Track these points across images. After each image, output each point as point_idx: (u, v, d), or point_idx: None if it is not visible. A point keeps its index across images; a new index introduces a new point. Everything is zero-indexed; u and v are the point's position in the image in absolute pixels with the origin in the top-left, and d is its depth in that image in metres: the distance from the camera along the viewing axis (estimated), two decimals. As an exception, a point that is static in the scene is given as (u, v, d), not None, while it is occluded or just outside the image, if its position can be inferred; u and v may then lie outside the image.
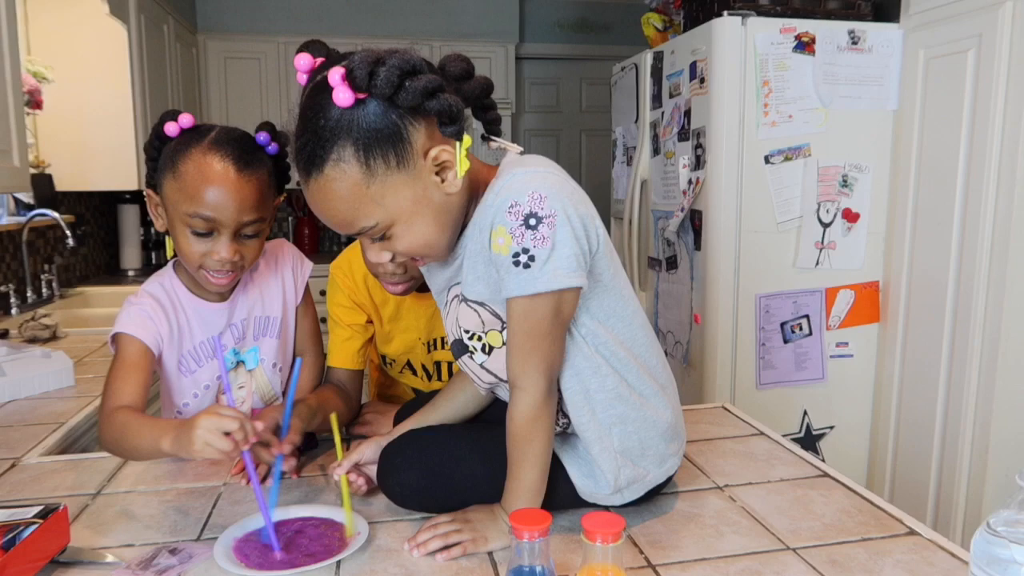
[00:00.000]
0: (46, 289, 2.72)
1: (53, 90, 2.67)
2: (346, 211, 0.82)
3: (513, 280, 0.82)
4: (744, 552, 0.88)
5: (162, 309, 1.15)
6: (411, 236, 0.85)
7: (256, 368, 1.24)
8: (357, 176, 0.80)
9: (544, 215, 0.80)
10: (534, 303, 0.83)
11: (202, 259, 1.09)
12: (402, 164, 0.81)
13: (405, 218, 0.84)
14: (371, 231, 0.84)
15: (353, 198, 0.81)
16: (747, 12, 2.13)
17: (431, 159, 0.82)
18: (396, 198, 0.82)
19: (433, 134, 0.82)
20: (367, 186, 0.80)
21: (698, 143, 2.25)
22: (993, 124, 1.85)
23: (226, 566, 0.84)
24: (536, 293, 0.82)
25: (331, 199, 0.82)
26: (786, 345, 2.26)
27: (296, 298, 1.28)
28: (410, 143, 0.81)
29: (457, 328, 0.95)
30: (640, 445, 0.94)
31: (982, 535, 0.63)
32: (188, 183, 1.05)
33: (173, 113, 1.09)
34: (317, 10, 4.09)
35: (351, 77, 0.77)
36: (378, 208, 0.82)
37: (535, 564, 0.70)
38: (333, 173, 0.80)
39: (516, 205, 0.80)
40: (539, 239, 0.80)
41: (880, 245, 2.26)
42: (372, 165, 0.80)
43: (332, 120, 0.79)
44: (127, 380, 1.08)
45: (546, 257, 0.81)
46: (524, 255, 0.81)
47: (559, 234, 0.81)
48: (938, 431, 2.06)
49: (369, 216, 0.82)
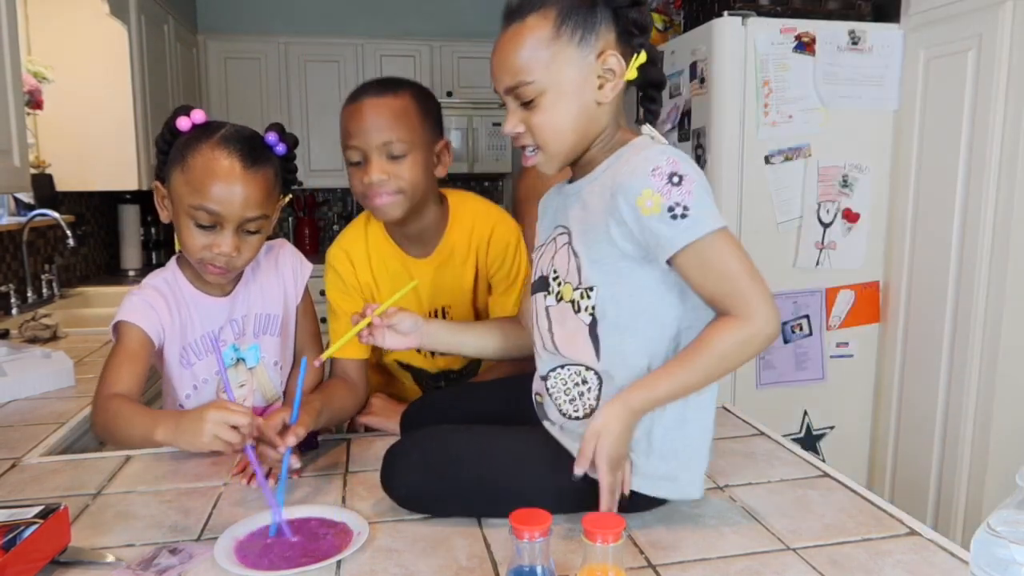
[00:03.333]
0: (46, 289, 2.72)
1: (53, 90, 2.66)
2: (523, 58, 0.92)
3: (675, 232, 0.86)
4: (744, 552, 0.88)
5: (164, 300, 1.16)
6: (551, 112, 0.93)
7: (257, 366, 1.25)
8: (548, 32, 0.91)
9: (684, 173, 0.86)
10: (706, 247, 0.87)
11: (203, 251, 1.10)
12: (583, 45, 0.91)
13: (556, 91, 0.92)
14: (526, 88, 0.92)
15: (534, 49, 0.91)
16: (747, 12, 2.13)
17: (603, 59, 0.92)
18: (562, 68, 0.91)
19: (617, 42, 0.93)
20: (549, 45, 0.91)
21: (698, 143, 2.25)
22: (993, 124, 1.85)
23: (226, 566, 0.84)
24: (701, 236, 0.86)
25: (518, 44, 0.92)
26: (786, 345, 2.26)
27: (296, 297, 1.29)
28: (598, 35, 0.92)
29: (550, 265, 1.00)
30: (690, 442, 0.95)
31: (982, 535, 0.63)
32: (195, 176, 1.07)
33: (186, 108, 1.12)
34: (317, 10, 4.09)
35: None
36: (544, 69, 0.91)
37: (535, 564, 0.70)
38: (533, 22, 0.92)
39: (658, 168, 0.87)
40: (685, 192, 0.86)
41: (880, 245, 2.26)
42: (562, 31, 0.91)
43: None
44: (124, 368, 1.09)
45: (698, 205, 0.86)
46: (678, 207, 0.86)
47: (698, 188, 0.87)
48: (938, 431, 2.06)
49: (533, 71, 0.91)
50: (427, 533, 0.94)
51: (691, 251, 0.87)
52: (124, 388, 1.07)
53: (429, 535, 0.93)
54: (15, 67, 1.87)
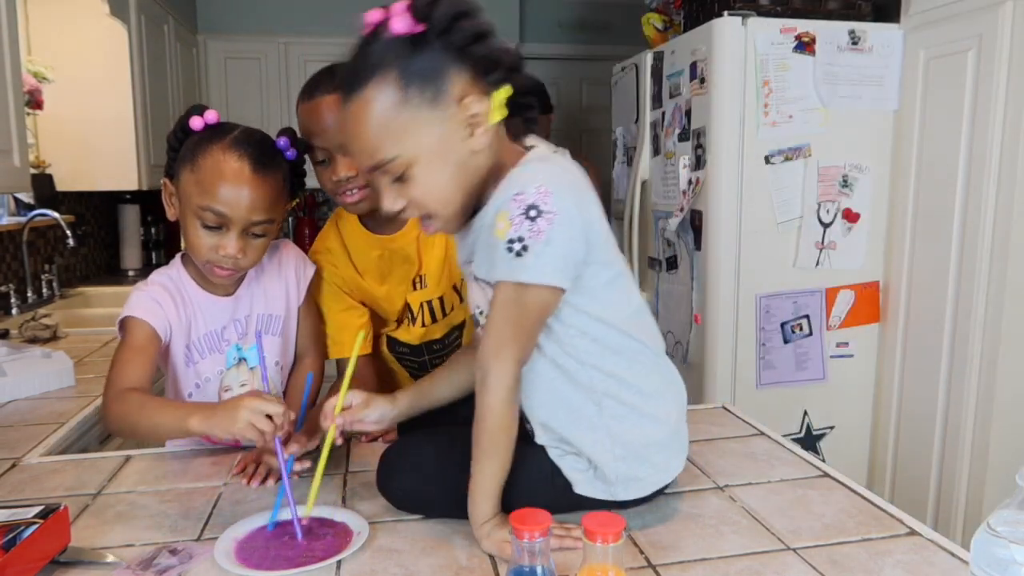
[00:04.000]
0: (46, 289, 2.72)
1: (53, 90, 2.66)
2: (374, 136, 0.84)
3: (503, 265, 0.83)
4: (744, 552, 0.88)
5: (171, 297, 1.16)
6: (427, 183, 0.86)
7: (258, 366, 1.25)
8: (392, 101, 0.83)
9: (546, 210, 0.81)
10: (518, 292, 0.84)
11: (209, 252, 1.11)
12: (437, 102, 0.83)
13: (425, 160, 0.85)
14: (390, 165, 0.85)
15: (383, 123, 0.83)
16: (747, 12, 2.13)
17: (464, 106, 0.84)
18: (422, 134, 0.84)
19: (474, 84, 0.85)
20: (398, 114, 0.83)
21: (698, 143, 2.25)
22: (993, 124, 1.85)
23: (226, 566, 0.84)
24: (520, 282, 0.83)
25: (363, 123, 0.84)
26: (786, 345, 2.26)
27: (299, 298, 1.29)
28: (449, 83, 0.83)
29: (472, 302, 0.98)
30: (640, 443, 0.94)
31: (982, 535, 0.63)
32: (204, 177, 1.07)
33: (200, 108, 1.12)
34: (317, 10, 4.09)
35: (414, 6, 0.82)
36: (402, 141, 0.84)
37: (535, 564, 0.70)
38: (372, 94, 0.83)
39: (522, 194, 0.82)
40: (535, 231, 0.81)
41: (880, 245, 2.26)
42: (409, 94, 0.82)
43: (383, 45, 0.83)
44: (134, 363, 1.09)
45: (539, 251, 0.82)
46: (518, 243, 0.82)
47: (555, 232, 0.82)
48: (938, 431, 2.06)
49: (392, 148, 0.84)
50: (427, 533, 0.94)
51: (503, 289, 0.85)
52: (136, 382, 1.07)
53: (429, 535, 0.93)
54: (15, 67, 1.87)
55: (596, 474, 0.94)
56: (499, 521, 0.89)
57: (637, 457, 0.94)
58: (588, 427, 0.93)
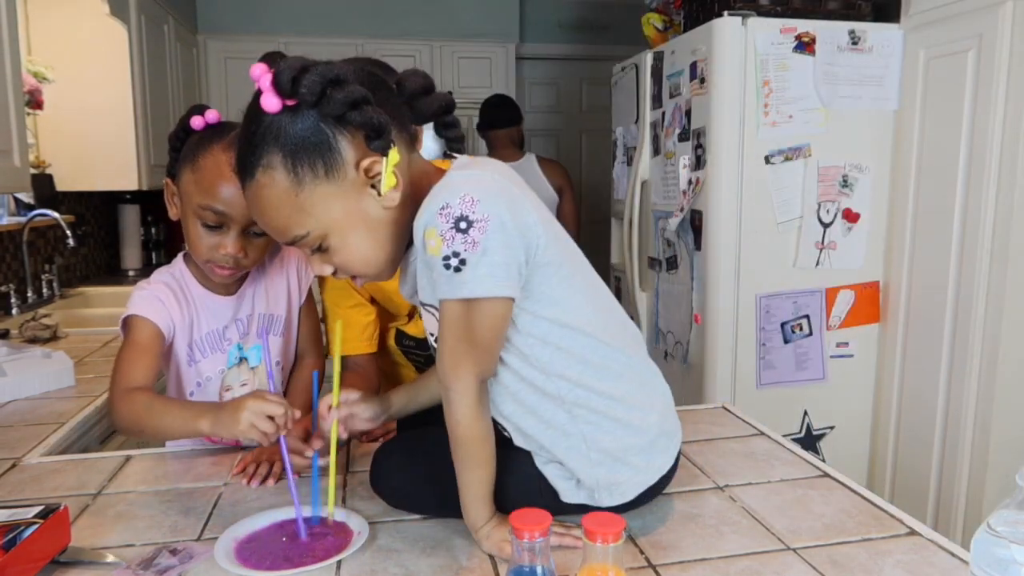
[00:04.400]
0: (46, 289, 2.72)
1: (53, 90, 2.67)
2: (279, 219, 0.83)
3: (444, 283, 0.81)
4: (744, 552, 0.88)
5: (174, 295, 1.17)
6: (347, 250, 0.85)
7: (259, 365, 1.25)
8: (285, 183, 0.80)
9: (476, 219, 0.78)
10: (465, 308, 0.81)
11: (210, 252, 1.11)
12: (331, 174, 0.81)
13: (338, 230, 0.83)
14: (305, 241, 0.84)
15: (284, 206, 0.81)
16: (747, 12, 2.13)
17: (363, 170, 0.82)
18: (326, 208, 0.82)
19: (366, 145, 0.81)
20: (296, 194, 0.80)
21: (698, 143, 2.25)
22: (993, 124, 1.85)
23: (226, 566, 0.84)
24: (463, 299, 0.80)
25: (264, 206, 0.83)
26: (786, 345, 2.26)
27: (300, 298, 1.29)
28: (339, 153, 0.80)
29: (426, 329, 0.96)
30: (618, 448, 0.91)
31: (982, 535, 0.63)
32: (204, 176, 1.07)
33: (201, 108, 1.12)
34: (317, 10, 4.09)
35: (276, 83, 0.77)
36: (309, 217, 0.82)
37: (535, 564, 0.71)
38: (263, 179, 0.81)
39: (447, 207, 0.78)
40: (469, 243, 0.78)
41: (880, 245, 2.26)
42: (300, 173, 0.80)
43: (262, 126, 0.80)
44: (139, 361, 1.10)
45: (476, 262, 0.79)
46: (455, 258, 0.78)
47: (490, 240, 0.78)
48: (938, 431, 2.06)
49: (301, 225, 0.82)
50: (427, 533, 0.94)
51: (449, 306, 0.82)
52: (141, 381, 1.07)
53: (429, 535, 0.93)
54: (15, 67, 1.87)
55: (579, 484, 0.93)
56: (497, 522, 0.88)
57: (615, 461, 0.91)
58: (562, 434, 0.91)
